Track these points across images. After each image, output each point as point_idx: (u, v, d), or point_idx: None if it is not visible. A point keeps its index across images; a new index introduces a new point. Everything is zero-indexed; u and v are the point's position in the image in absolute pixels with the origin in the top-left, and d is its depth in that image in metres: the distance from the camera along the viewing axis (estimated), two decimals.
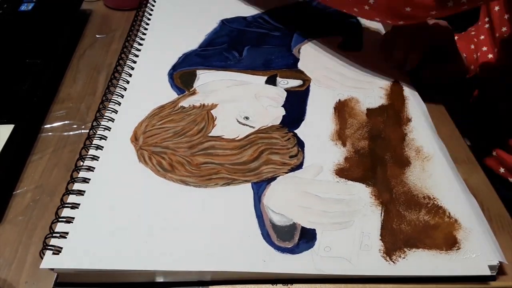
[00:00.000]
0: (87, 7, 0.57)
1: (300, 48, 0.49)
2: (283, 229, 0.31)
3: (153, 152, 0.36)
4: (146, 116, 0.40)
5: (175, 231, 0.30)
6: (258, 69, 0.46)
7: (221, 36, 0.51)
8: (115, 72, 0.44)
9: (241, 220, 0.31)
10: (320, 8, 0.57)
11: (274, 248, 0.29)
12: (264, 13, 0.56)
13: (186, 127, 0.38)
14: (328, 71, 0.46)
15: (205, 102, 0.41)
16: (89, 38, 0.53)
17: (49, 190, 0.35)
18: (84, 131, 0.40)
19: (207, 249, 0.29)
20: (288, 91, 0.43)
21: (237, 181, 0.34)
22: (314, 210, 0.32)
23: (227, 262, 0.29)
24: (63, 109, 0.43)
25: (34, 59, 0.45)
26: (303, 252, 0.29)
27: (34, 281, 0.29)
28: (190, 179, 0.34)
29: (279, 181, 0.34)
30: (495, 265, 0.29)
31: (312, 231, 0.30)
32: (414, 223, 0.31)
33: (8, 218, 0.33)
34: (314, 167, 0.35)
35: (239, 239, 0.30)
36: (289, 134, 0.38)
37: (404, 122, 0.40)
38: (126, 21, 0.55)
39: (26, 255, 0.31)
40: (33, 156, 0.38)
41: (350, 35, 0.52)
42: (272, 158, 0.36)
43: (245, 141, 0.37)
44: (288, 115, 0.40)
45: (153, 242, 0.29)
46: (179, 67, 0.46)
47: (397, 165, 0.36)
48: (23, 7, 0.53)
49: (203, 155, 0.36)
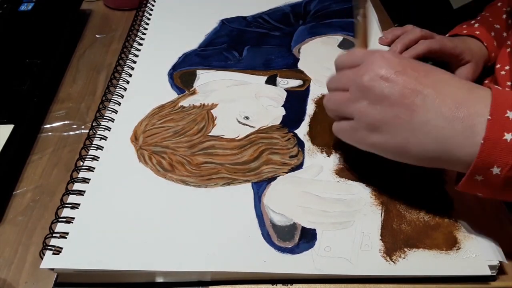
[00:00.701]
0: (87, 7, 0.57)
1: (300, 48, 0.49)
2: (284, 229, 0.31)
3: (153, 152, 0.36)
4: (146, 116, 0.40)
5: (175, 232, 0.30)
6: (258, 69, 0.46)
7: (221, 36, 0.51)
8: (115, 72, 0.44)
9: (241, 220, 0.31)
10: (319, 8, 0.56)
11: (274, 248, 0.29)
12: (264, 13, 0.55)
13: (186, 127, 0.38)
14: (328, 71, 0.46)
15: (205, 102, 0.41)
16: (89, 38, 0.52)
17: (49, 190, 0.35)
18: (84, 131, 0.40)
19: (208, 249, 0.29)
20: (288, 91, 0.43)
21: (237, 181, 0.34)
22: (314, 210, 0.32)
23: (227, 262, 0.29)
24: (63, 109, 0.43)
25: (34, 59, 0.45)
26: (303, 252, 0.29)
27: (34, 281, 0.29)
28: (190, 179, 0.34)
29: (279, 181, 0.34)
30: (496, 265, 0.29)
31: (312, 231, 0.30)
32: (415, 223, 0.31)
33: (8, 218, 0.33)
34: (314, 167, 0.35)
35: (239, 239, 0.30)
36: (289, 134, 0.38)
37: None
38: (126, 21, 0.55)
39: (26, 255, 0.31)
40: (33, 156, 0.38)
41: (351, 34, 0.52)
42: (272, 158, 0.36)
43: (245, 141, 0.37)
44: (288, 115, 0.40)
45: (153, 243, 0.29)
46: (179, 67, 0.46)
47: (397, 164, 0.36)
48: (22, 7, 0.53)
49: (203, 155, 0.36)
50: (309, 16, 0.56)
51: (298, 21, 0.54)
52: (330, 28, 0.53)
